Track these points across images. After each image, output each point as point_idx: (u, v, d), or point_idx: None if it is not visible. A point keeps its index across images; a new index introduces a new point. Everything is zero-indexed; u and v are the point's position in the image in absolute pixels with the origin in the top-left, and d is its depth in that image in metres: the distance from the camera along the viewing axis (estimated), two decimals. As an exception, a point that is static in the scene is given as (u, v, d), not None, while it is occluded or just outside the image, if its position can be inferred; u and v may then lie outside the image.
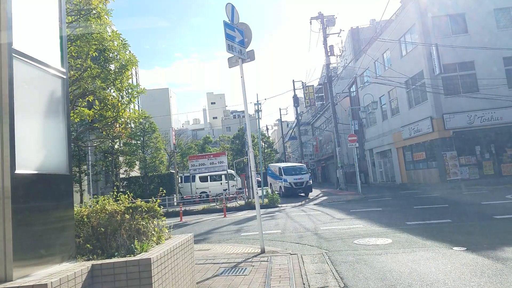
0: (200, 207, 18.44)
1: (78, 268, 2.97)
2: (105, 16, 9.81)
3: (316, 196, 21.75)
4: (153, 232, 4.03)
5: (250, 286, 4.72)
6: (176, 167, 25.99)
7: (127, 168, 24.96)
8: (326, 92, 35.17)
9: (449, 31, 20.50)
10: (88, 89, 10.48)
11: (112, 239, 3.66)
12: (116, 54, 10.82)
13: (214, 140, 58.92)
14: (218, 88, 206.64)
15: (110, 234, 3.70)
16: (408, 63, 22.50)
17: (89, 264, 3.13)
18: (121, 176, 25.86)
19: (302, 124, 46.77)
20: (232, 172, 27.64)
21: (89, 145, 17.26)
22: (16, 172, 2.75)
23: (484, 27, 19.98)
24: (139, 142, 25.66)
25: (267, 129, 60.85)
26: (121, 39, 10.78)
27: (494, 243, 6.30)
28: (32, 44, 3.16)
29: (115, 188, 20.91)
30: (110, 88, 11.20)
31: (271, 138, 63.83)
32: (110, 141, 18.79)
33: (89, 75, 10.37)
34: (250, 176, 13.72)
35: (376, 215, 11.25)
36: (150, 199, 4.55)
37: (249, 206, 16.75)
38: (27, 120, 3.01)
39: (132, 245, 3.56)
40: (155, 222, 4.22)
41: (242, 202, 18.39)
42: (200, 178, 26.01)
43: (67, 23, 8.39)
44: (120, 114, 11.40)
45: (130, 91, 11.79)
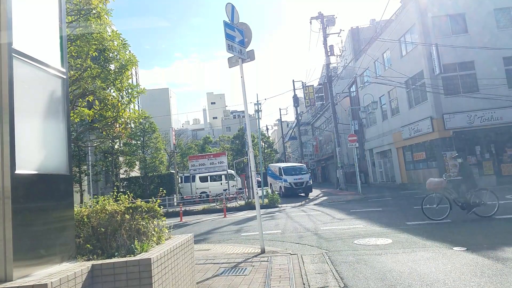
0: (200, 207, 18.44)
1: (78, 268, 2.97)
2: (105, 16, 9.82)
3: (316, 196, 21.76)
4: (153, 232, 4.03)
5: (250, 286, 4.72)
6: (176, 167, 26.00)
7: (127, 168, 24.95)
8: (326, 92, 35.18)
9: (449, 31, 20.49)
10: (88, 89, 10.48)
11: (112, 239, 3.66)
12: (116, 54, 10.82)
13: (214, 140, 58.93)
14: (218, 88, 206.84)
15: (110, 234, 3.70)
16: (408, 63, 22.49)
17: (89, 264, 3.13)
18: (121, 176, 25.86)
19: (302, 124, 46.78)
20: (232, 172, 27.65)
21: (89, 145, 17.25)
22: (16, 172, 2.74)
23: (484, 27, 19.97)
24: (139, 142, 25.66)
25: (267, 129, 60.89)
26: (121, 39, 10.79)
27: (494, 243, 6.30)
28: (32, 44, 3.15)
29: (115, 188, 20.91)
30: (110, 88, 11.20)
31: (271, 138, 63.87)
32: (110, 141, 18.78)
33: (89, 75, 10.37)
34: (250, 176, 13.72)
35: (376, 215, 11.25)
36: (150, 199, 4.55)
37: (249, 206, 16.74)
38: (27, 120, 3.01)
39: (132, 245, 3.56)
40: (155, 222, 4.22)
41: (242, 202, 18.38)
42: (200, 178, 26.02)
43: (67, 23, 8.39)
44: (120, 114, 11.41)
45: (130, 91, 11.80)
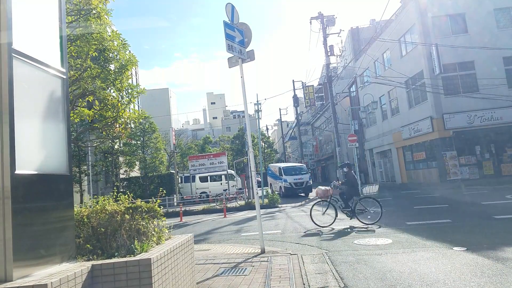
0: (200, 207, 18.44)
1: (78, 268, 2.96)
2: (105, 16, 9.81)
3: (316, 196, 21.72)
4: (153, 232, 4.03)
5: (250, 286, 4.72)
6: (176, 167, 26.00)
7: (127, 168, 24.96)
8: (326, 92, 35.16)
9: (449, 31, 20.50)
10: (88, 89, 10.47)
11: (112, 239, 3.65)
12: (116, 54, 10.82)
13: (214, 140, 58.92)
14: (218, 88, 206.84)
15: (110, 235, 3.70)
16: (408, 63, 22.49)
17: (89, 264, 3.13)
18: (121, 176, 25.86)
19: (302, 124, 46.79)
20: (232, 172, 27.65)
21: (89, 145, 17.25)
22: (16, 172, 2.74)
23: (484, 27, 19.98)
24: (139, 142, 25.66)
25: (267, 129, 60.85)
26: (121, 39, 10.78)
27: (494, 243, 6.30)
28: (32, 44, 3.15)
29: (115, 188, 20.89)
30: (110, 88, 11.20)
31: (271, 138, 63.84)
32: (110, 141, 18.78)
33: (89, 75, 10.36)
34: (250, 176, 13.72)
35: (376, 215, 11.23)
36: (150, 200, 4.55)
37: (249, 206, 16.74)
38: (27, 120, 3.00)
39: (132, 245, 3.56)
40: (155, 222, 4.22)
41: (242, 202, 18.38)
42: (200, 178, 26.02)
43: (67, 23, 8.39)
44: (120, 114, 11.41)
45: (130, 91, 11.79)
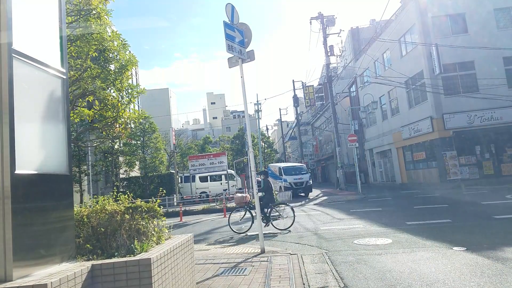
0: (200, 207, 18.43)
1: (78, 268, 2.97)
2: (105, 17, 9.82)
3: (316, 196, 21.74)
4: (153, 232, 4.03)
5: (250, 286, 4.72)
6: (176, 167, 26.00)
7: (127, 168, 24.96)
8: (326, 92, 35.15)
9: (449, 31, 20.50)
10: (88, 89, 10.48)
11: (112, 239, 3.65)
12: (116, 54, 10.83)
13: (214, 140, 58.91)
14: (218, 88, 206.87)
15: (110, 234, 3.70)
16: (408, 63, 22.49)
17: (89, 264, 3.13)
18: (121, 176, 25.86)
19: (302, 124, 46.75)
20: (232, 172, 27.65)
21: (89, 145, 17.25)
22: (16, 172, 2.75)
23: (484, 27, 19.98)
24: (139, 142, 25.67)
25: (267, 129, 60.89)
26: (121, 39, 10.79)
27: (494, 243, 6.30)
28: (32, 44, 3.15)
29: (115, 188, 20.87)
30: (110, 88, 11.21)
31: (271, 138, 63.85)
32: (110, 141, 18.79)
33: (89, 75, 10.37)
34: (250, 176, 13.71)
35: (376, 215, 11.24)
36: (150, 199, 4.55)
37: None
38: (27, 120, 3.01)
39: (132, 245, 3.56)
40: (155, 222, 4.22)
41: (242, 202, 18.35)
42: (200, 178, 26.02)
43: (67, 23, 8.39)
44: (120, 114, 11.41)
45: (130, 91, 11.80)
